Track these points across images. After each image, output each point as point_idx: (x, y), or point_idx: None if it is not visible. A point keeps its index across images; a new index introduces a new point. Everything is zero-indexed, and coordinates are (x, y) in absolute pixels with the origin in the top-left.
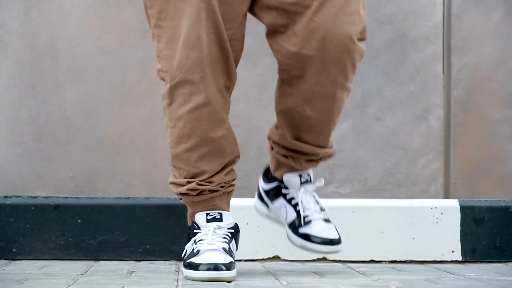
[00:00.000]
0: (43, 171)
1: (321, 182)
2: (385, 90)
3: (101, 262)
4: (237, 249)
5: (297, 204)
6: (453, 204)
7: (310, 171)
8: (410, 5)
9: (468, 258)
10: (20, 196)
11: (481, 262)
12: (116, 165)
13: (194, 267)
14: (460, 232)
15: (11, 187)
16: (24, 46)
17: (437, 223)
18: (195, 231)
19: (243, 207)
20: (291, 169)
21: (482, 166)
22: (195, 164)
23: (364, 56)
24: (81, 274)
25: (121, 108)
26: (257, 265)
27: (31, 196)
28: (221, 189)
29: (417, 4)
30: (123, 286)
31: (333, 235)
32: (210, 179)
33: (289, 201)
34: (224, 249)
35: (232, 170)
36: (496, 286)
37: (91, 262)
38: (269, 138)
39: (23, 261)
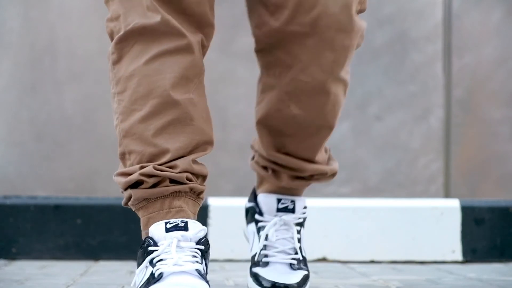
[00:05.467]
0: (42, 171)
1: (305, 213)
2: (385, 90)
3: (101, 262)
4: (206, 273)
5: (265, 237)
6: (454, 204)
7: (298, 199)
8: (410, 5)
9: (468, 258)
10: (19, 196)
11: (481, 262)
12: (116, 165)
13: None
14: (461, 232)
15: (10, 187)
16: (24, 46)
17: (437, 223)
18: (150, 248)
19: (242, 208)
20: (273, 188)
21: (482, 166)
22: (153, 140)
23: (364, 36)
24: (81, 274)
25: None
26: None
27: (30, 196)
28: (188, 182)
29: (417, 4)
30: (123, 286)
31: (291, 280)
32: (173, 163)
33: (258, 230)
34: (198, 271)
35: (201, 164)
36: (497, 286)
37: (91, 262)
38: (252, 147)
39: (23, 261)
